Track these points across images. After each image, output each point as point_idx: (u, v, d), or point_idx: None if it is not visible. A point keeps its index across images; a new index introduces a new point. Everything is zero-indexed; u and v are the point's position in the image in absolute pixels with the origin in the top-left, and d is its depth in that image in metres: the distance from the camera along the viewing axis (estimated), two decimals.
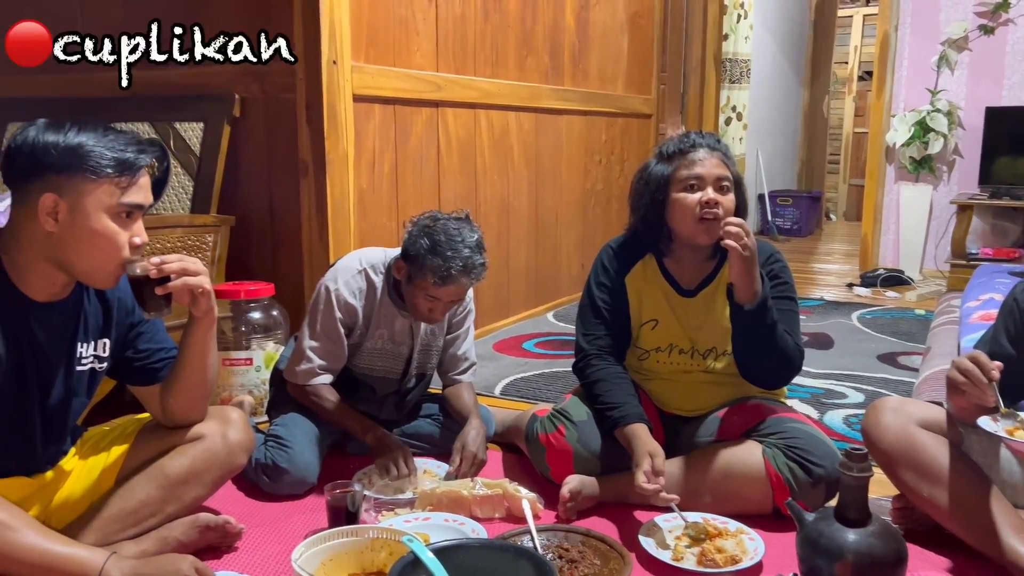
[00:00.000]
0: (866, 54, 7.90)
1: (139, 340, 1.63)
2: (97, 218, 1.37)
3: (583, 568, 1.55)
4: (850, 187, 8.52)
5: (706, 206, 1.81)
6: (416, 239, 1.89)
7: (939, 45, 4.77)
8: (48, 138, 1.35)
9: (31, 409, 1.46)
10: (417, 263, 1.88)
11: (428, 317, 1.97)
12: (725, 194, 1.83)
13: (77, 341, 1.51)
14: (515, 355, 3.26)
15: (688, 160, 1.85)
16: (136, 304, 1.54)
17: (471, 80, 3.27)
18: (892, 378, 2.98)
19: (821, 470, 1.75)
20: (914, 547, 1.58)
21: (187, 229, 2.57)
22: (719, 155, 1.86)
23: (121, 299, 1.57)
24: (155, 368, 1.64)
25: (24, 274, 1.40)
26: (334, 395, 2.04)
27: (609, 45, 4.32)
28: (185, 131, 2.75)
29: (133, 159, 1.39)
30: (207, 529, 1.65)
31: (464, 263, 1.86)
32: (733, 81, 6.10)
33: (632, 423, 1.80)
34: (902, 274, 4.82)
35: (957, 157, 4.86)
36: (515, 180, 3.65)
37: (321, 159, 2.62)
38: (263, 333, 2.51)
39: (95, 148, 1.35)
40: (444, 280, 1.86)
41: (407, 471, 1.92)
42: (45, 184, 1.34)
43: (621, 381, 1.90)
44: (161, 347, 1.65)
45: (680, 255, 1.94)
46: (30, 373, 1.43)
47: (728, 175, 1.85)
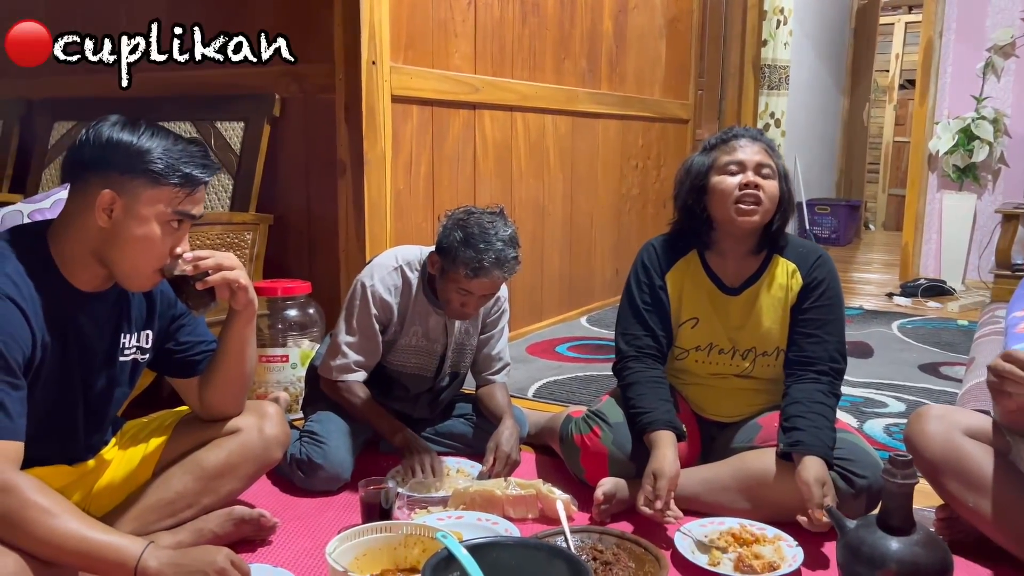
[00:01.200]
0: (908, 62, 7.78)
1: (180, 332, 1.64)
2: (149, 223, 1.39)
3: (617, 570, 1.53)
4: (889, 197, 8.38)
5: (745, 187, 1.78)
6: (450, 232, 1.90)
7: (985, 52, 4.68)
8: (121, 136, 1.37)
9: (74, 398, 1.48)
10: (450, 256, 1.88)
11: (461, 312, 1.96)
12: (768, 180, 1.80)
13: (121, 332, 1.53)
14: (548, 358, 3.24)
15: (729, 147, 1.83)
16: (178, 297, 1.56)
17: (508, 83, 3.27)
18: (934, 388, 2.92)
19: (863, 480, 1.71)
20: (959, 558, 1.53)
21: (226, 227, 2.60)
22: (762, 144, 1.84)
23: (164, 291, 1.59)
24: (195, 361, 1.65)
25: (71, 265, 1.42)
26: (365, 393, 2.04)
27: (647, 49, 4.30)
28: (226, 130, 2.78)
29: (198, 174, 1.41)
30: (242, 522, 1.66)
31: (497, 256, 1.85)
32: (771, 87, 6.03)
33: (658, 429, 1.77)
34: (944, 284, 4.72)
35: (1003, 166, 4.75)
36: (550, 183, 3.64)
37: (359, 159, 2.63)
38: (299, 331, 2.53)
39: (163, 156, 1.38)
40: (476, 272, 1.86)
41: (433, 475, 1.92)
42: (107, 181, 1.37)
43: (656, 386, 1.87)
44: (201, 340, 1.66)
45: (723, 248, 1.91)
46: (74, 362, 1.45)
47: (771, 163, 1.82)
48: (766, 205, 1.80)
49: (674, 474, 1.71)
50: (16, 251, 1.38)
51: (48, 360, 1.39)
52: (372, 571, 1.46)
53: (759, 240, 1.86)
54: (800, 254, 1.91)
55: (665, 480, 1.69)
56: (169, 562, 1.29)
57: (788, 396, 1.83)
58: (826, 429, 1.74)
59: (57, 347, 1.41)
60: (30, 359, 1.34)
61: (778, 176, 1.83)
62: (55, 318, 1.39)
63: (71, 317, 1.43)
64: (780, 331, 1.89)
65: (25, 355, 1.32)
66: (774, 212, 1.84)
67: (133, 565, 1.27)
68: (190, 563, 1.29)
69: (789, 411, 1.79)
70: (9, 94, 3.45)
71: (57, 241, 1.42)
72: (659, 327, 1.92)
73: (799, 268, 1.90)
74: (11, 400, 1.29)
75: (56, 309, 1.39)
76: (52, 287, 1.40)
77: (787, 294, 1.89)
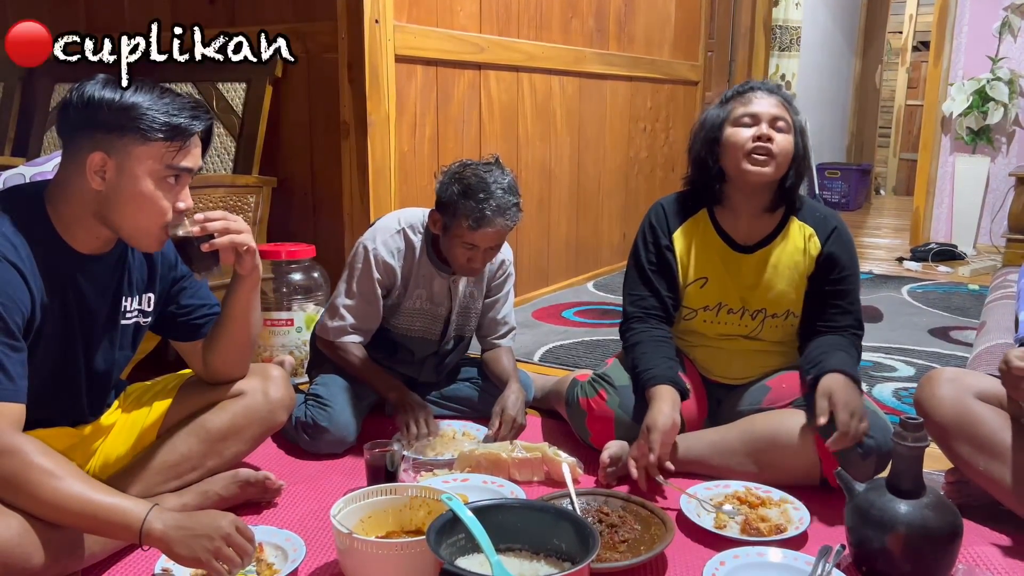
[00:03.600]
0: (922, 23, 7.62)
1: (182, 295, 1.63)
2: (143, 180, 1.35)
3: (623, 533, 1.52)
4: (900, 161, 8.28)
5: (758, 140, 1.75)
6: (448, 186, 1.87)
7: (1001, 11, 4.57)
8: (104, 95, 1.33)
9: (76, 360, 1.47)
10: (450, 210, 1.86)
11: (467, 268, 1.94)
12: (781, 133, 1.77)
13: (122, 295, 1.51)
14: (554, 323, 3.23)
15: (745, 99, 1.79)
16: (180, 259, 1.53)
17: (514, 42, 3.21)
18: (944, 352, 2.89)
19: (872, 441, 1.68)
20: (968, 522, 1.51)
21: (229, 189, 2.57)
22: (779, 98, 1.80)
23: (164, 254, 1.56)
24: (198, 324, 1.64)
25: (70, 227, 1.40)
26: (361, 351, 2.03)
27: (656, 9, 4.22)
28: (228, 91, 2.74)
29: (186, 124, 1.36)
30: (247, 485, 1.66)
31: (498, 204, 1.83)
32: (783, 49, 5.93)
33: (658, 384, 1.76)
34: (955, 249, 4.68)
35: (1017, 128, 4.67)
36: (557, 146, 3.60)
37: (363, 120, 2.59)
38: (304, 294, 2.52)
39: (149, 110, 1.33)
40: (479, 223, 1.83)
41: (427, 431, 1.91)
42: (95, 142, 1.33)
43: (660, 344, 1.85)
44: (204, 303, 1.65)
45: (735, 204, 1.87)
46: (75, 325, 1.44)
47: (787, 117, 1.78)
48: (779, 159, 1.76)
49: (668, 427, 1.69)
50: (12, 213, 1.35)
51: (48, 322, 1.38)
52: (377, 533, 1.46)
53: (772, 198, 1.83)
54: (817, 219, 1.88)
55: (658, 433, 1.68)
56: (174, 524, 1.28)
57: (809, 347, 1.82)
58: (850, 360, 1.74)
59: (57, 309, 1.39)
60: (29, 321, 1.33)
61: (793, 131, 1.79)
62: (54, 280, 1.38)
63: (70, 278, 1.41)
64: (794, 294, 1.86)
65: (24, 317, 1.31)
66: (788, 167, 1.80)
67: (138, 527, 1.27)
68: (195, 526, 1.28)
69: (811, 355, 1.78)
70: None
71: (54, 203, 1.39)
72: (664, 288, 1.90)
73: (817, 233, 1.86)
74: (11, 362, 1.27)
75: (55, 271, 1.38)
76: (50, 249, 1.38)
77: (804, 257, 1.86)
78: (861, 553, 1.43)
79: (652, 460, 1.67)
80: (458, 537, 1.27)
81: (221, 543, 1.27)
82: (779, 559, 1.45)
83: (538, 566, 1.29)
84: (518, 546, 1.32)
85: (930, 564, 1.38)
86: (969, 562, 1.48)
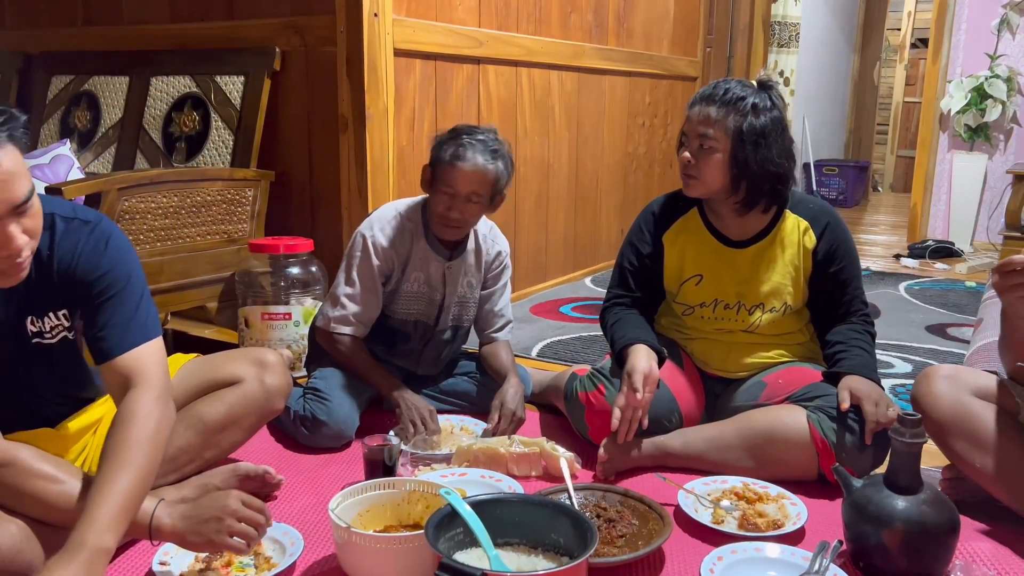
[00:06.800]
0: (920, 20, 7.63)
1: (98, 312, 1.36)
2: None
3: (621, 527, 1.52)
4: (898, 158, 8.28)
5: (684, 162, 1.79)
6: (437, 140, 1.96)
7: (1000, 8, 4.57)
8: None
9: (10, 383, 1.40)
10: (436, 154, 1.93)
11: (446, 218, 1.94)
12: (705, 152, 1.75)
13: (26, 319, 1.37)
14: (552, 318, 3.23)
15: (689, 112, 1.81)
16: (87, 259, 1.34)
17: (513, 37, 3.20)
18: (941, 349, 2.90)
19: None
20: (965, 518, 1.52)
21: (227, 183, 2.56)
22: (714, 108, 1.75)
23: (60, 259, 1.33)
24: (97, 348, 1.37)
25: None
26: (362, 347, 2.04)
27: (655, 5, 4.21)
28: (226, 84, 2.73)
29: None
30: (246, 478, 1.65)
31: (480, 142, 1.89)
32: (782, 45, 5.93)
33: (632, 344, 1.79)
34: (952, 246, 4.68)
35: (1015, 125, 4.68)
36: (556, 141, 3.59)
37: (361, 114, 2.59)
38: (302, 288, 2.51)
39: None
40: (456, 157, 1.88)
41: (433, 428, 1.91)
42: None
43: (635, 318, 1.91)
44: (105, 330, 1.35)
45: (714, 206, 1.89)
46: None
47: (716, 130, 1.74)
48: (705, 179, 1.78)
49: (648, 369, 1.72)
50: None
51: None
52: (375, 527, 1.46)
53: (741, 200, 1.81)
54: (811, 211, 1.88)
55: (639, 373, 1.70)
56: (182, 516, 1.28)
57: (827, 340, 1.87)
58: (868, 357, 1.80)
59: None
60: None
61: (731, 141, 1.74)
62: None
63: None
64: (791, 287, 1.87)
65: None
66: (726, 179, 1.78)
67: (147, 524, 1.26)
68: (201, 513, 1.28)
69: (831, 352, 1.83)
70: (7, 48, 3.40)
71: None
72: (647, 290, 1.95)
73: (812, 227, 1.87)
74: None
75: None
76: None
77: (799, 250, 1.87)
78: (858, 549, 1.44)
79: (640, 400, 1.69)
80: (456, 531, 1.27)
81: (232, 520, 1.26)
82: (776, 554, 1.45)
83: (536, 560, 1.29)
84: (516, 540, 1.32)
85: (927, 560, 1.38)
86: (966, 558, 1.49)
